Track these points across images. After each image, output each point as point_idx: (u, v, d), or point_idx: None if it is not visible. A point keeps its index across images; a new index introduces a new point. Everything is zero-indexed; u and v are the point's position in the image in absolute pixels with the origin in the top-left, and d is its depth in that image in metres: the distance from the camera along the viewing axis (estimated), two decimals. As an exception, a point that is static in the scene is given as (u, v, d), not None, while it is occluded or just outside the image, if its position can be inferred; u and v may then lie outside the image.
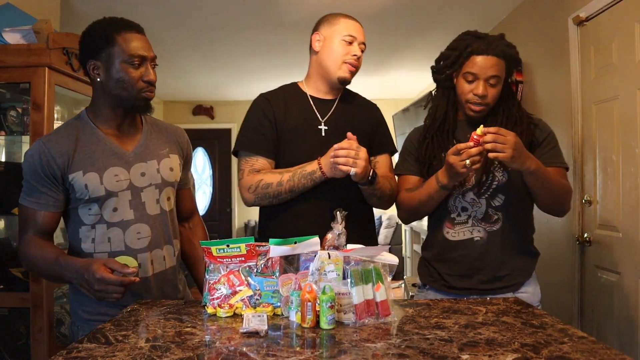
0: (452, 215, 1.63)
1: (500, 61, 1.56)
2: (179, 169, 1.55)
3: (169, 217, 1.52)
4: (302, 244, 1.27)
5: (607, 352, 0.96)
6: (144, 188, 1.45)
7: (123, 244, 1.42)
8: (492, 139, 1.39)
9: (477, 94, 1.56)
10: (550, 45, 3.02)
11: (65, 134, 1.42)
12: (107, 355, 0.97)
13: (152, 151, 1.49)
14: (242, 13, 3.61)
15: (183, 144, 1.60)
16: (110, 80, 1.39)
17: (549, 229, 3.06)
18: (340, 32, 1.74)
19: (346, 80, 1.75)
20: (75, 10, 3.43)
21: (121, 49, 1.38)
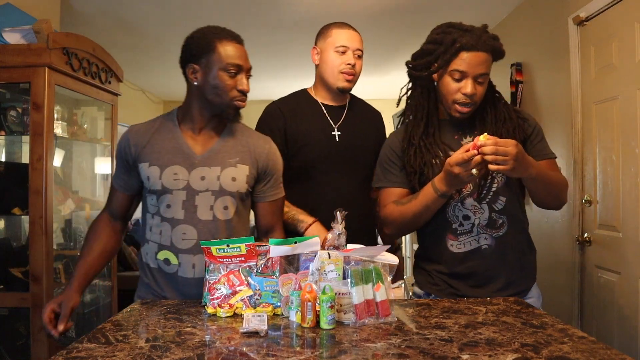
0: (454, 225, 1.51)
1: (489, 57, 1.46)
2: (244, 180, 1.49)
3: (223, 226, 1.47)
4: (302, 244, 1.27)
5: (607, 352, 0.96)
6: (200, 192, 1.46)
7: (169, 240, 1.46)
8: (491, 151, 1.29)
9: (466, 94, 1.44)
10: (550, 45, 3.02)
11: (148, 126, 1.54)
12: (107, 355, 0.97)
13: (219, 158, 1.49)
14: (242, 13, 3.61)
15: (260, 157, 1.53)
16: (206, 85, 1.45)
17: (549, 229, 3.06)
18: (333, 44, 1.78)
19: (345, 89, 1.80)
20: (75, 10, 3.43)
21: (220, 56, 1.43)
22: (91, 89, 2.54)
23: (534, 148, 1.54)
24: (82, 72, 2.39)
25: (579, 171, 2.68)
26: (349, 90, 1.82)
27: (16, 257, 2.28)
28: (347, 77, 1.77)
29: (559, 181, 1.53)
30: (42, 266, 2.10)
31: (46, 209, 2.11)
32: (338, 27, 1.82)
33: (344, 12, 3.50)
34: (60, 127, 2.40)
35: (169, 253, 1.46)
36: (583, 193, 2.66)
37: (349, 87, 1.81)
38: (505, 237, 1.51)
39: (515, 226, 1.54)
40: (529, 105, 3.32)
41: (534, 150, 1.52)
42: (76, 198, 2.69)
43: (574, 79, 2.70)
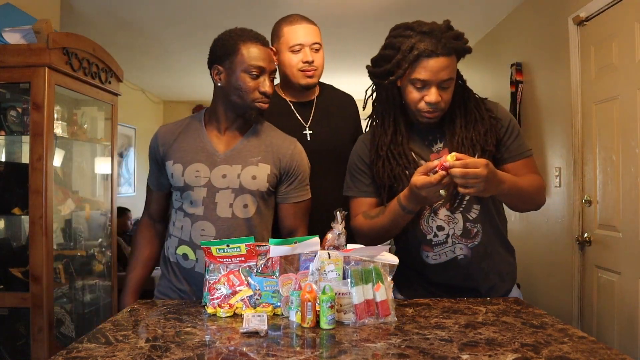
0: (428, 237, 1.45)
1: (452, 60, 1.34)
2: (265, 179, 1.48)
3: (242, 225, 1.47)
4: (302, 244, 1.27)
5: (607, 352, 0.96)
6: (221, 189, 1.47)
7: (189, 235, 1.49)
8: (461, 174, 1.20)
9: (430, 102, 1.35)
10: (550, 45, 3.02)
11: (176, 125, 1.59)
12: (107, 355, 0.97)
13: (242, 156, 1.50)
14: (241, 13, 3.61)
15: (284, 157, 1.52)
16: (229, 87, 1.47)
17: (549, 229, 3.06)
18: (287, 44, 1.73)
19: (309, 85, 1.76)
20: (75, 10, 3.43)
21: (243, 58, 1.44)
22: (91, 89, 2.54)
23: (509, 149, 1.46)
24: (82, 72, 2.39)
25: (579, 171, 2.68)
26: (314, 85, 1.78)
27: (16, 257, 2.28)
28: (307, 74, 1.72)
29: (534, 186, 1.44)
30: (42, 266, 2.09)
31: (46, 209, 2.11)
32: (288, 24, 1.75)
33: (344, 12, 3.50)
34: (60, 127, 2.40)
35: (187, 248, 1.49)
36: (583, 193, 2.66)
37: (313, 83, 1.76)
38: (480, 246, 1.45)
39: (491, 233, 1.47)
40: (529, 105, 3.32)
41: (508, 151, 1.46)
42: (76, 198, 2.69)
43: (574, 79, 2.70)
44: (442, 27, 1.35)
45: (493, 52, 4.03)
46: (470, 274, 1.46)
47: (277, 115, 1.77)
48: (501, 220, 1.53)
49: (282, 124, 1.75)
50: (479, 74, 4.37)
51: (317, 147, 1.72)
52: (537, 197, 1.46)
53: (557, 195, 2.96)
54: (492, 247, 1.48)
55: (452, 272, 1.46)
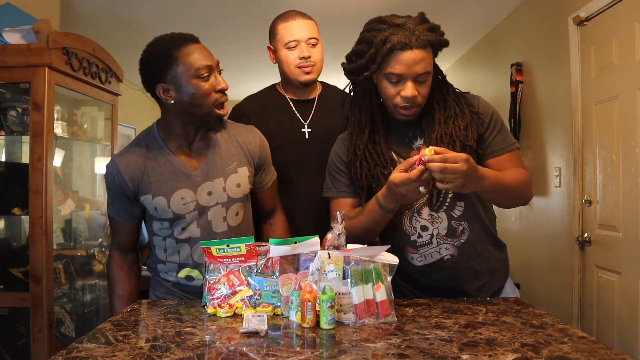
0: (412, 238, 1.41)
1: (427, 53, 1.29)
2: (247, 182, 1.49)
3: (238, 231, 1.49)
4: (302, 244, 1.27)
5: (607, 352, 0.96)
6: (211, 207, 1.45)
7: (191, 259, 1.46)
8: (439, 169, 1.15)
9: (406, 97, 1.30)
10: (550, 45, 3.02)
11: (136, 155, 1.44)
12: (107, 355, 0.97)
13: (219, 168, 1.46)
14: (241, 13, 3.61)
15: (254, 150, 1.52)
16: (183, 100, 1.36)
17: (549, 229, 3.06)
18: (282, 41, 1.71)
19: (308, 82, 1.73)
20: (75, 10, 3.43)
21: (186, 65, 1.34)
22: (91, 89, 2.54)
23: (492, 143, 1.40)
24: (82, 72, 2.39)
25: (579, 171, 2.68)
26: (313, 81, 1.75)
27: (16, 257, 2.28)
28: (305, 69, 1.70)
29: (519, 180, 1.37)
30: (42, 266, 2.09)
31: (46, 209, 2.11)
32: (283, 20, 1.73)
33: (344, 12, 3.50)
34: (60, 127, 2.40)
35: (192, 270, 1.47)
36: (583, 193, 2.66)
37: (312, 79, 1.73)
38: (467, 244, 1.41)
39: (479, 230, 1.43)
40: (529, 105, 3.32)
41: (492, 146, 1.40)
42: (76, 198, 2.69)
43: (574, 79, 2.70)
44: (415, 19, 1.32)
45: (493, 52, 4.03)
46: (458, 273, 1.42)
47: (276, 114, 1.76)
48: (488, 216, 1.47)
49: (280, 120, 1.75)
50: (479, 74, 4.37)
51: (315, 145, 1.71)
52: (522, 193, 1.41)
53: (557, 195, 2.96)
54: (480, 245, 1.43)
55: (440, 273, 1.42)
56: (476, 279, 1.44)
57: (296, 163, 1.71)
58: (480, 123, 1.40)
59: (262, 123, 1.72)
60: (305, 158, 1.71)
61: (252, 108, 1.78)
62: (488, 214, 1.48)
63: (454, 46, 4.64)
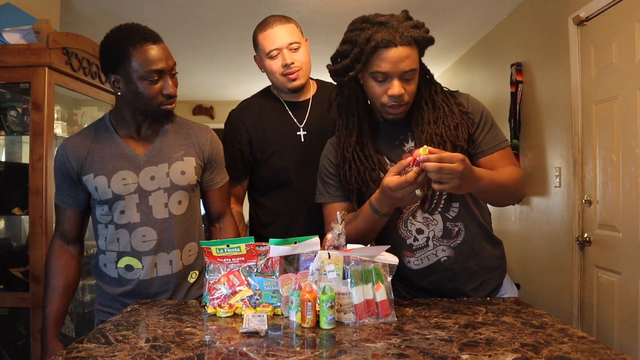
0: (408, 241, 1.40)
1: (412, 50, 1.27)
2: (193, 172, 1.50)
3: (180, 220, 1.49)
4: (302, 244, 1.27)
5: (607, 352, 0.96)
6: (152, 192, 1.45)
7: (129, 246, 1.45)
8: (435, 169, 1.13)
9: (393, 96, 1.29)
10: (550, 45, 3.02)
11: (84, 137, 1.47)
12: (107, 355, 0.97)
13: (164, 154, 1.47)
14: (241, 13, 3.61)
15: (204, 146, 1.54)
16: (129, 95, 1.38)
17: (549, 229, 3.06)
18: (264, 52, 1.70)
19: (296, 88, 1.72)
20: (75, 10, 3.43)
21: (137, 64, 1.34)
22: (91, 89, 2.54)
23: (483, 142, 1.39)
24: (82, 72, 2.39)
25: (579, 171, 2.68)
26: (301, 86, 1.73)
27: (16, 257, 2.28)
28: (290, 77, 1.69)
29: (513, 178, 1.35)
30: (42, 266, 2.09)
31: (46, 209, 2.11)
32: (261, 30, 1.72)
33: (345, 12, 3.50)
34: (60, 127, 2.40)
35: (130, 259, 1.45)
36: (583, 193, 2.66)
37: (300, 84, 1.71)
38: (464, 244, 1.40)
39: (474, 229, 1.42)
40: (529, 105, 3.32)
41: (482, 144, 1.39)
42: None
43: (574, 79, 2.70)
44: (399, 17, 1.30)
45: (493, 52, 4.03)
46: (455, 274, 1.41)
47: (271, 116, 1.76)
48: (483, 214, 1.47)
49: (276, 125, 1.74)
50: (479, 74, 4.37)
51: (311, 148, 1.69)
52: (517, 191, 1.39)
53: (557, 195, 2.96)
54: (477, 244, 1.43)
55: (437, 275, 1.41)
56: (473, 278, 1.44)
57: (294, 167, 1.71)
58: (470, 122, 1.38)
59: (259, 130, 1.73)
60: (302, 161, 1.71)
61: (247, 114, 1.78)
62: (483, 212, 1.47)
63: (454, 46, 4.64)
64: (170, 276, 1.49)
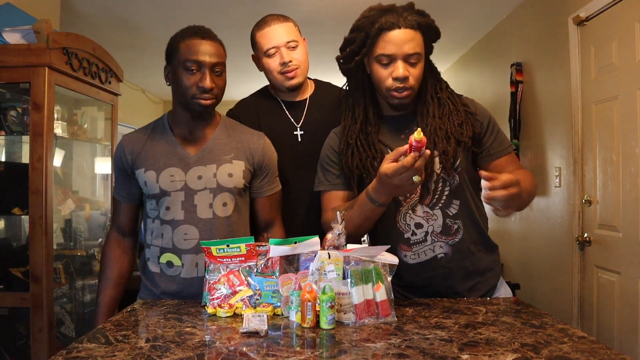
0: (406, 235, 1.39)
1: (417, 34, 1.31)
2: (241, 176, 1.50)
3: (224, 223, 1.48)
4: (302, 244, 1.27)
5: (607, 352, 0.96)
6: (199, 191, 1.46)
7: (171, 242, 1.47)
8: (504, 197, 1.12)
9: (397, 77, 1.31)
10: (550, 45, 3.02)
11: (141, 133, 1.54)
12: (107, 355, 0.97)
13: (214, 155, 1.49)
14: (241, 13, 3.61)
15: (255, 151, 1.54)
16: (174, 85, 1.46)
17: (549, 229, 3.06)
18: (262, 50, 1.70)
19: (294, 86, 1.71)
20: (75, 10, 3.43)
21: (180, 55, 1.42)
22: (91, 89, 2.54)
23: (492, 145, 1.42)
24: (82, 72, 2.39)
25: (579, 171, 2.68)
26: (299, 85, 1.72)
27: (16, 257, 2.28)
28: (288, 75, 1.68)
29: (532, 183, 1.36)
30: (42, 266, 2.09)
31: (46, 209, 2.11)
32: (259, 29, 1.72)
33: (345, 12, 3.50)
34: (60, 127, 2.40)
35: (171, 255, 1.47)
36: (583, 193, 2.66)
37: (298, 83, 1.71)
38: (461, 243, 1.40)
39: (472, 229, 1.42)
40: (529, 105, 3.32)
41: (491, 149, 1.42)
42: (76, 198, 2.69)
43: (574, 79, 2.70)
44: (404, 5, 1.35)
45: (493, 52, 4.03)
46: (451, 273, 1.41)
47: (268, 116, 1.75)
48: (481, 216, 1.47)
49: (272, 124, 1.72)
50: (479, 74, 4.37)
51: (308, 147, 1.67)
52: (535, 193, 1.40)
53: (557, 195, 2.96)
54: (474, 246, 1.43)
55: (433, 271, 1.40)
56: (468, 278, 1.43)
57: (290, 167, 1.70)
58: (475, 122, 1.41)
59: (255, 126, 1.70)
60: (299, 161, 1.70)
61: (245, 113, 1.77)
62: (481, 214, 1.47)
63: (454, 46, 4.64)
64: None
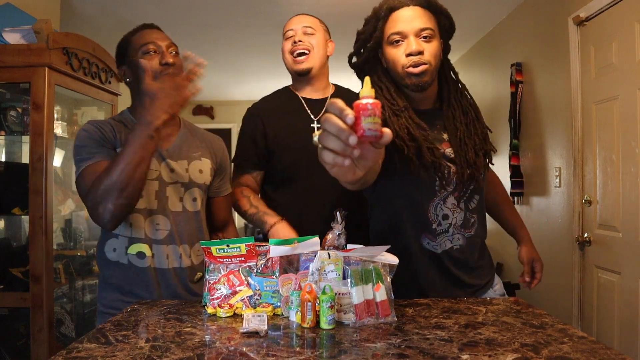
0: (433, 225, 1.40)
1: (426, 12, 1.32)
2: (209, 173, 1.56)
3: (192, 217, 1.52)
4: (302, 244, 1.27)
5: (607, 352, 0.96)
6: (170, 184, 1.48)
7: (143, 232, 1.46)
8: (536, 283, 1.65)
9: (411, 52, 1.29)
10: (550, 45, 3.02)
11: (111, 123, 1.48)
12: (107, 355, 0.97)
13: (184, 152, 1.53)
14: (241, 13, 3.61)
15: (217, 151, 1.62)
16: (133, 78, 1.46)
17: (549, 229, 3.06)
18: (283, 34, 1.78)
19: (302, 71, 1.75)
20: (75, 10, 3.43)
21: (135, 44, 1.45)
22: (91, 89, 2.54)
23: None
24: (82, 72, 2.39)
25: (579, 171, 2.68)
26: (304, 71, 1.75)
27: (16, 257, 2.28)
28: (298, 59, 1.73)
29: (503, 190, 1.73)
30: (42, 266, 2.10)
31: (46, 209, 2.11)
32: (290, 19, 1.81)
33: (346, 11, 3.50)
34: (60, 127, 2.40)
35: (142, 245, 1.45)
36: (583, 193, 2.66)
37: (307, 67, 1.74)
38: (474, 237, 1.45)
39: (481, 224, 1.47)
40: (529, 105, 3.32)
41: None
42: (76, 198, 2.69)
43: (574, 79, 2.70)
44: None
45: (493, 52, 4.03)
46: (462, 265, 1.44)
47: (288, 111, 1.79)
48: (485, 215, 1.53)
49: (292, 119, 1.77)
50: (479, 74, 4.37)
51: None
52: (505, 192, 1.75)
53: (557, 195, 2.96)
54: (480, 240, 1.47)
55: (447, 262, 1.42)
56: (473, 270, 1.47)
57: (305, 162, 1.71)
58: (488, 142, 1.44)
59: (274, 122, 1.76)
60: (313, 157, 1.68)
61: (266, 107, 1.81)
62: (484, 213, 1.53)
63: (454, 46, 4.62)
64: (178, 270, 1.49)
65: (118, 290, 1.46)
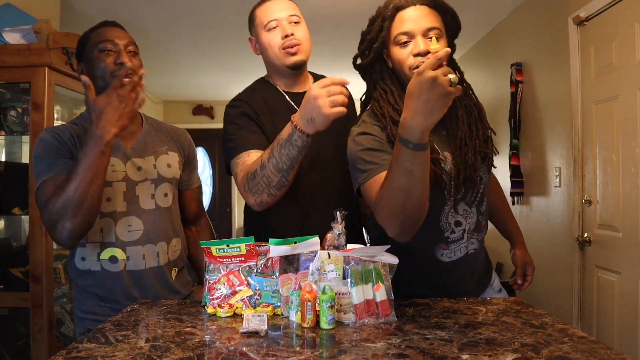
0: (446, 234, 1.36)
1: (432, 11, 1.29)
2: (177, 167, 1.55)
3: (166, 213, 1.50)
4: (302, 244, 1.27)
5: (607, 352, 0.96)
6: (139, 182, 1.45)
7: (114, 235, 1.42)
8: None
9: (419, 52, 1.25)
10: (550, 45, 3.02)
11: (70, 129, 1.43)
12: (107, 355, 0.97)
13: (149, 148, 1.51)
14: (241, 13, 3.60)
15: (184, 144, 1.61)
16: (91, 75, 1.39)
17: (549, 229, 3.06)
18: (262, 24, 1.56)
19: (297, 64, 1.56)
20: (75, 10, 3.43)
21: (93, 41, 1.42)
22: (91, 89, 2.53)
23: None
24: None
25: (579, 171, 2.68)
26: (302, 63, 1.57)
27: (16, 257, 2.28)
28: (290, 50, 1.54)
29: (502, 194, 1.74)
30: (42, 266, 2.10)
31: (46, 209, 2.10)
32: (260, 4, 1.60)
33: (346, 11, 3.50)
34: (60, 127, 2.40)
35: (114, 250, 1.41)
36: (583, 193, 2.66)
37: (300, 60, 1.55)
38: (484, 238, 1.45)
39: (486, 225, 1.46)
40: (529, 105, 3.32)
41: None
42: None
43: (574, 79, 2.70)
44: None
45: (493, 52, 4.03)
46: (474, 268, 1.44)
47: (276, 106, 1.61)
48: None
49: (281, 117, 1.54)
50: (479, 74, 4.37)
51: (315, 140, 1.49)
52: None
53: (557, 195, 2.96)
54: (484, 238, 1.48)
55: (463, 269, 1.40)
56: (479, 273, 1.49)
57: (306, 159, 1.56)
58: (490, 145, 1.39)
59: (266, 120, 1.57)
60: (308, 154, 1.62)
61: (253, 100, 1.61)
62: None
63: (454, 46, 4.64)
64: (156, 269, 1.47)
65: (96, 298, 1.44)
